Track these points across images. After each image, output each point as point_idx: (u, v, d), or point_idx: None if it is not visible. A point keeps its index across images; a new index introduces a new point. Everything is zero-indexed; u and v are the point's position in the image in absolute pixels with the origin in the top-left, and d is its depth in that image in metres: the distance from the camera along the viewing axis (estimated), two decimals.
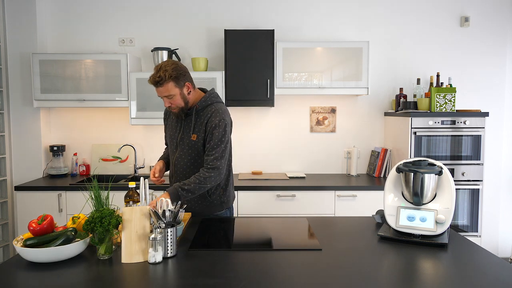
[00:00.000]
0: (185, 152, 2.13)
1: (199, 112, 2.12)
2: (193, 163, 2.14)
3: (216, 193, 2.19)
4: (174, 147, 2.18)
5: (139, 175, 3.65)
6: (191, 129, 2.12)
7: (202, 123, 2.10)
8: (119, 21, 3.70)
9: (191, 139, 2.11)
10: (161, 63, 2.03)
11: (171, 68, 2.00)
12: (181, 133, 2.15)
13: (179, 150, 2.15)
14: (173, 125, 2.21)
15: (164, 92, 2.02)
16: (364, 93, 3.43)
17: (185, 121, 2.15)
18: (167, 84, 2.00)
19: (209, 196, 2.18)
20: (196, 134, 2.10)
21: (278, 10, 3.69)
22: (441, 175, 1.81)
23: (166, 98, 2.04)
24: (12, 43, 3.50)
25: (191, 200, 2.16)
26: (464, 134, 3.26)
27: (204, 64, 3.48)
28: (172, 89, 2.02)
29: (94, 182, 1.67)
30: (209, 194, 2.17)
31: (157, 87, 2.02)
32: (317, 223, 2.08)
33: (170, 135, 2.21)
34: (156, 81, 1.99)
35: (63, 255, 1.52)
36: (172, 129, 2.21)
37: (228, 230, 2.01)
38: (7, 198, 3.55)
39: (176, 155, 2.16)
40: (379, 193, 3.18)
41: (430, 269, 1.47)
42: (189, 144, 2.11)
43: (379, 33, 3.71)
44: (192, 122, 2.12)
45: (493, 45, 3.71)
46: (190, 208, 2.19)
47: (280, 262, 1.54)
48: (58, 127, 3.76)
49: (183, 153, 2.14)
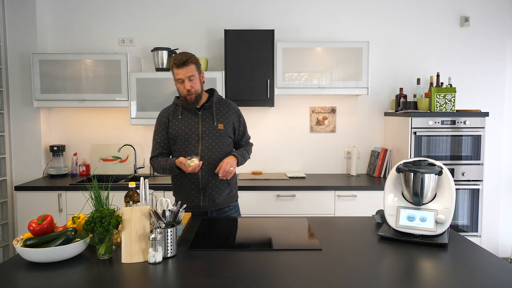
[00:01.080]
0: (211, 142, 2.22)
1: (217, 105, 2.29)
2: (220, 151, 2.24)
3: (233, 181, 2.36)
4: (194, 141, 2.22)
5: (139, 175, 3.65)
6: (214, 120, 2.24)
7: (225, 114, 2.28)
8: (119, 21, 3.70)
9: (218, 128, 2.24)
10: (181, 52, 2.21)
11: (192, 54, 2.20)
12: (202, 126, 2.23)
13: (205, 141, 2.22)
14: (185, 121, 2.25)
15: (188, 73, 2.15)
16: (364, 93, 3.43)
17: (203, 114, 2.25)
18: (192, 65, 2.16)
19: (229, 185, 2.31)
20: (223, 123, 2.26)
21: (278, 10, 3.69)
22: (441, 175, 1.81)
23: (188, 80, 2.15)
24: (12, 43, 3.50)
25: (217, 190, 2.26)
26: (464, 134, 3.26)
27: (204, 64, 3.48)
28: (194, 71, 2.17)
29: (94, 182, 1.67)
30: (229, 182, 2.31)
31: (182, 67, 2.14)
32: (317, 223, 2.08)
33: (186, 131, 2.23)
34: (184, 61, 2.13)
35: (63, 255, 1.52)
36: (187, 125, 2.24)
37: (228, 230, 2.01)
38: (7, 198, 3.55)
39: (201, 147, 2.21)
40: (379, 193, 3.18)
41: (430, 269, 1.47)
42: (216, 133, 2.24)
43: (379, 33, 3.71)
44: (213, 114, 2.25)
45: (493, 45, 3.71)
46: (213, 201, 2.25)
47: (280, 262, 1.54)
48: (58, 127, 3.76)
49: (211, 142, 2.22)
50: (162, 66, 3.49)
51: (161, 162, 2.24)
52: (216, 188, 2.25)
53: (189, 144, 2.22)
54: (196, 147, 2.21)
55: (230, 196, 2.34)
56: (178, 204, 1.71)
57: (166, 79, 3.38)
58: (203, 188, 2.23)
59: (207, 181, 2.22)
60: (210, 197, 2.25)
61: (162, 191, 3.16)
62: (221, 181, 2.26)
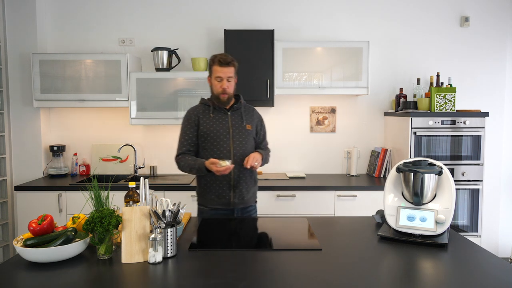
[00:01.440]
0: (242, 140, 2.33)
1: (244, 107, 2.42)
2: (249, 150, 2.35)
3: (257, 180, 2.47)
4: (226, 138, 2.30)
5: (139, 175, 3.65)
6: (242, 121, 2.36)
7: (251, 116, 2.43)
8: (119, 21, 3.70)
9: (246, 128, 2.36)
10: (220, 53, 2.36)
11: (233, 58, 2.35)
12: (232, 125, 2.33)
13: (236, 139, 2.31)
14: (216, 120, 2.33)
15: (229, 73, 2.28)
16: (364, 93, 3.43)
17: (232, 114, 2.36)
18: (233, 67, 2.31)
19: (255, 183, 2.44)
20: (250, 124, 2.39)
21: (278, 10, 3.69)
22: (441, 175, 1.81)
23: (226, 80, 2.28)
24: (12, 43, 3.50)
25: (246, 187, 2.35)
26: (464, 134, 3.26)
27: (204, 64, 3.48)
28: (233, 73, 2.31)
29: (94, 182, 1.67)
30: (255, 180, 2.44)
31: (225, 67, 2.27)
32: (317, 223, 2.08)
33: (217, 129, 2.30)
34: (228, 61, 2.28)
35: (63, 255, 1.52)
36: (218, 123, 2.32)
37: (228, 230, 2.01)
38: (7, 198, 3.55)
39: (233, 144, 2.30)
40: (379, 193, 3.18)
41: (430, 269, 1.47)
42: (246, 132, 2.35)
43: (379, 33, 3.71)
44: (242, 115, 2.38)
45: (493, 45, 3.71)
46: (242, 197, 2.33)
47: (280, 262, 1.54)
48: (58, 127, 3.76)
49: (241, 141, 2.33)
50: (162, 66, 3.49)
51: (189, 161, 2.28)
52: (246, 185, 2.34)
53: (221, 141, 2.29)
54: (228, 144, 2.29)
55: (254, 195, 2.45)
56: (178, 204, 1.71)
57: (166, 79, 3.38)
58: (234, 184, 2.30)
59: (238, 177, 2.30)
60: (240, 194, 2.32)
61: (162, 191, 3.16)
62: (249, 178, 2.36)
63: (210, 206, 2.33)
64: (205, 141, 2.31)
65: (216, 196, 2.31)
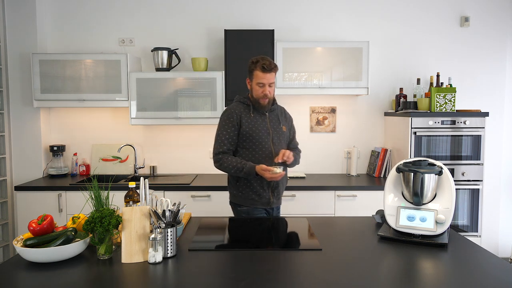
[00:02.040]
0: (280, 141, 2.39)
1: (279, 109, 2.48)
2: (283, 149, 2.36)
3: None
4: (267, 139, 2.34)
5: (139, 175, 3.65)
6: (279, 122, 2.42)
7: (284, 117, 2.48)
8: (119, 21, 3.70)
9: (283, 130, 2.42)
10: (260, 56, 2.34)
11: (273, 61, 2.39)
12: (271, 126, 2.38)
13: (275, 140, 2.36)
14: (256, 120, 2.35)
15: (271, 79, 2.29)
16: (364, 93, 3.43)
17: (270, 115, 2.40)
18: (276, 71, 2.32)
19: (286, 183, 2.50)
20: (285, 125, 2.45)
21: (278, 10, 3.69)
22: (441, 175, 1.81)
23: (268, 85, 2.29)
24: (12, 43, 3.50)
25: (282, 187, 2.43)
26: (464, 134, 3.26)
27: (204, 64, 3.48)
28: (274, 78, 2.32)
29: (94, 182, 1.67)
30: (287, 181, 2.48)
31: (268, 73, 2.26)
32: (317, 223, 2.08)
33: (259, 129, 2.33)
34: (272, 66, 2.28)
35: (63, 255, 1.52)
36: (258, 123, 2.35)
37: (228, 230, 2.01)
38: (7, 198, 3.55)
39: (273, 144, 2.35)
40: (379, 193, 3.18)
41: (430, 269, 1.47)
42: (282, 134, 2.41)
43: (379, 33, 3.71)
44: (278, 116, 2.43)
45: (493, 45, 3.71)
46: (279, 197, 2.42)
47: (280, 262, 1.54)
48: (58, 127, 3.76)
49: (279, 142, 2.38)
50: (162, 66, 3.49)
51: (234, 162, 2.27)
52: (282, 185, 2.44)
53: (262, 142, 2.32)
54: (269, 145, 2.33)
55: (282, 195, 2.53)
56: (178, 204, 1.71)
57: (166, 79, 3.38)
58: (274, 185, 2.35)
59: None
60: (277, 194, 2.41)
61: (162, 191, 3.16)
62: (284, 178, 2.43)
63: (249, 206, 2.35)
64: (247, 140, 2.32)
65: (257, 195, 2.34)
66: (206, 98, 3.39)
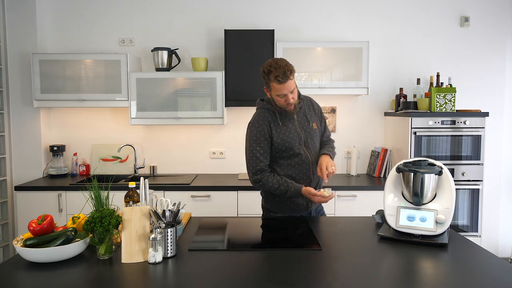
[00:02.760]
0: (313, 142, 2.21)
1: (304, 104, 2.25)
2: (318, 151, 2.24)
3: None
4: (299, 145, 2.16)
5: (139, 175, 3.65)
6: (308, 121, 2.21)
7: (311, 111, 2.26)
8: (119, 21, 3.70)
9: (313, 128, 2.22)
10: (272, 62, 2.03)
11: (287, 62, 2.03)
12: (301, 129, 2.19)
13: (308, 142, 2.19)
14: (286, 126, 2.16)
15: (291, 87, 2.04)
16: (364, 93, 3.43)
17: (298, 116, 2.20)
18: (293, 75, 2.04)
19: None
20: (315, 121, 2.25)
21: (278, 10, 3.69)
22: (441, 175, 1.81)
23: (290, 93, 2.05)
24: (12, 43, 3.50)
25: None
26: (464, 134, 3.26)
27: (204, 64, 3.48)
28: (293, 82, 2.06)
29: (94, 182, 1.67)
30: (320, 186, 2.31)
31: (285, 83, 2.01)
32: (317, 223, 2.08)
33: (290, 137, 2.15)
34: (288, 74, 1.99)
35: (63, 255, 1.52)
36: (289, 130, 2.16)
37: (228, 230, 2.01)
38: (7, 198, 3.55)
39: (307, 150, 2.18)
40: (379, 193, 3.18)
41: (430, 269, 1.47)
42: (314, 133, 2.22)
43: (379, 33, 3.71)
44: (306, 114, 2.22)
45: (493, 45, 3.71)
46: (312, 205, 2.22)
47: (280, 262, 1.54)
48: (58, 127, 3.76)
49: (312, 143, 2.21)
50: (162, 66, 3.49)
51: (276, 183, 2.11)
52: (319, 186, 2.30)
53: (296, 149, 2.14)
54: (304, 151, 2.17)
55: None
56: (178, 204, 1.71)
57: (166, 79, 3.38)
58: (315, 188, 2.20)
59: (317, 184, 2.25)
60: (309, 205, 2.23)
61: (162, 191, 3.16)
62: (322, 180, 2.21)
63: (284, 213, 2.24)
64: (280, 151, 2.15)
65: (293, 202, 2.20)
66: (206, 98, 3.39)
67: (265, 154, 2.15)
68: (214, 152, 3.77)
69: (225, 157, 3.78)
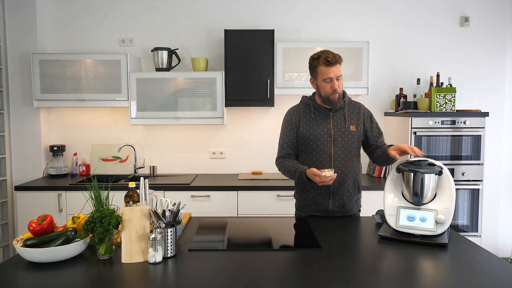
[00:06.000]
0: (344, 143, 2.16)
1: (348, 106, 2.24)
2: (351, 154, 2.17)
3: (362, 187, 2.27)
4: (327, 141, 2.14)
5: (139, 175, 3.65)
6: (345, 122, 2.18)
7: (356, 115, 2.23)
8: (119, 21, 3.70)
9: (350, 130, 2.18)
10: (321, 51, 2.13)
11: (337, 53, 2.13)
12: (333, 127, 2.16)
13: (338, 142, 2.14)
14: (316, 121, 2.18)
15: (337, 72, 2.09)
16: (364, 93, 3.42)
17: (334, 115, 2.19)
18: (341, 62, 2.11)
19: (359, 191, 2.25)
20: (355, 125, 2.20)
21: (278, 10, 3.69)
22: (441, 175, 1.81)
23: (336, 79, 2.09)
24: (12, 43, 3.50)
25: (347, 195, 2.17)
26: (464, 134, 3.26)
27: (204, 64, 3.48)
28: (341, 70, 2.11)
29: (94, 182, 1.67)
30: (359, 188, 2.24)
31: (333, 66, 2.07)
32: (317, 223, 2.08)
33: (318, 131, 2.15)
34: (336, 59, 2.07)
35: (63, 255, 1.52)
36: (318, 125, 2.17)
37: (228, 230, 2.01)
38: (7, 198, 3.55)
39: (334, 148, 2.14)
40: (379, 193, 3.18)
41: (430, 269, 1.47)
42: (349, 135, 2.17)
43: (379, 33, 3.71)
44: (345, 115, 2.20)
45: (493, 45, 3.71)
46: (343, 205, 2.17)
47: (280, 262, 1.54)
48: (58, 127, 3.76)
49: (344, 144, 2.16)
50: (162, 66, 3.49)
51: (288, 166, 2.14)
52: (347, 193, 2.17)
53: (321, 145, 2.14)
54: (329, 148, 2.13)
55: (358, 203, 2.27)
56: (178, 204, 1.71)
57: (166, 79, 3.38)
58: (334, 191, 2.14)
59: (338, 184, 2.14)
60: (340, 202, 2.17)
61: (162, 191, 3.16)
62: (353, 185, 2.18)
63: (307, 213, 2.22)
64: (305, 143, 2.17)
65: (313, 202, 2.18)
66: (206, 98, 3.39)
67: (290, 143, 2.22)
68: (214, 152, 3.77)
69: (225, 157, 3.78)
